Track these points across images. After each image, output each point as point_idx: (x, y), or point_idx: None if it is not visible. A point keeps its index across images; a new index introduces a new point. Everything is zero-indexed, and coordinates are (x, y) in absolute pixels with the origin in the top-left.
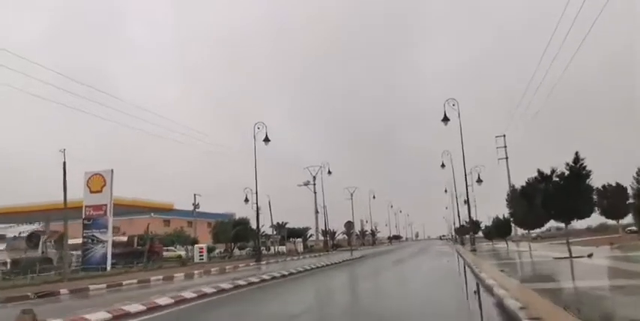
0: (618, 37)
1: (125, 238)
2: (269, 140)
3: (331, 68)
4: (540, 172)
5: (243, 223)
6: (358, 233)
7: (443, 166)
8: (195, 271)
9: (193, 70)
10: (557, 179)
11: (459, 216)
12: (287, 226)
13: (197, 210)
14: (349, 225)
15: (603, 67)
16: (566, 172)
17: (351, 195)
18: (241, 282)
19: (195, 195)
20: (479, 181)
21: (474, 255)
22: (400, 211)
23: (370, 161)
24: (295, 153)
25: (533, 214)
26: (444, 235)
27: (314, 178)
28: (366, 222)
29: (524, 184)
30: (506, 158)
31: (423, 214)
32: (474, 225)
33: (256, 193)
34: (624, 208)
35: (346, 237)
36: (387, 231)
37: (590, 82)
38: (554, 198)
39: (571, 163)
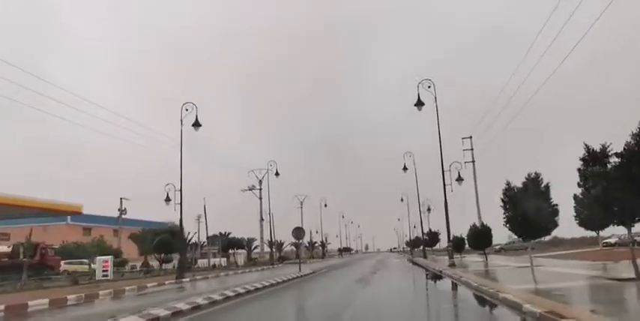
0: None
1: (7, 248)
2: (200, 125)
3: (281, 75)
4: (590, 149)
5: (172, 231)
6: (307, 245)
7: (405, 169)
8: (72, 296)
9: (138, 70)
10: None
11: (421, 224)
12: (232, 235)
13: (124, 216)
14: (298, 231)
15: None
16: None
17: (301, 203)
18: None
19: (121, 199)
20: (459, 179)
21: (475, 276)
22: (351, 222)
23: (322, 171)
24: (245, 160)
25: (543, 218)
26: (394, 248)
27: (260, 182)
28: (316, 232)
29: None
30: (473, 162)
31: (373, 226)
32: (434, 236)
33: (180, 189)
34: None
35: (294, 249)
36: (337, 242)
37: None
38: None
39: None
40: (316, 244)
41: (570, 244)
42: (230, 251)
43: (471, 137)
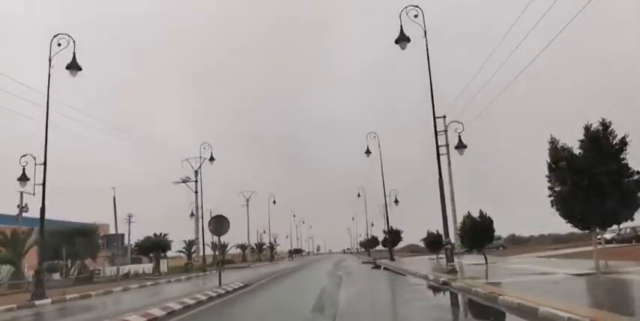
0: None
1: None
2: (79, 68)
3: (233, 70)
4: None
5: (84, 232)
6: (254, 246)
7: (368, 152)
8: None
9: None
10: None
11: (387, 217)
12: (170, 236)
13: (28, 215)
14: (217, 222)
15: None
16: None
17: (247, 200)
18: None
19: (21, 193)
20: (460, 146)
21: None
22: (303, 222)
23: (275, 169)
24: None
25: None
26: (347, 249)
27: (196, 172)
28: (264, 232)
29: None
30: (447, 145)
31: (325, 227)
32: (396, 234)
33: (44, 163)
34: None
35: (244, 251)
36: (288, 244)
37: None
38: None
39: None
40: (264, 246)
41: (588, 238)
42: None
43: (444, 117)
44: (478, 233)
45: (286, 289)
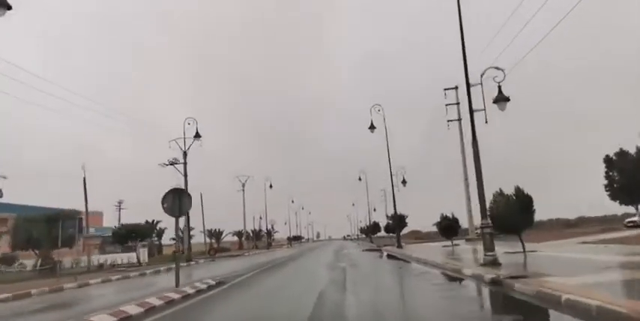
0: None
1: None
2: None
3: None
4: None
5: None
6: (251, 233)
7: (372, 127)
8: None
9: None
10: None
11: (394, 198)
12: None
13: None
14: (173, 197)
15: None
16: None
17: (243, 185)
18: None
19: None
20: (501, 100)
21: None
22: (302, 209)
23: (274, 155)
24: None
25: None
26: (348, 235)
27: (184, 153)
28: (260, 218)
29: None
30: (459, 120)
31: (325, 213)
32: (401, 219)
33: None
34: None
35: (240, 239)
36: (287, 230)
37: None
38: None
39: None
40: (262, 233)
41: (596, 222)
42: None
43: (456, 88)
44: (514, 215)
45: (271, 291)
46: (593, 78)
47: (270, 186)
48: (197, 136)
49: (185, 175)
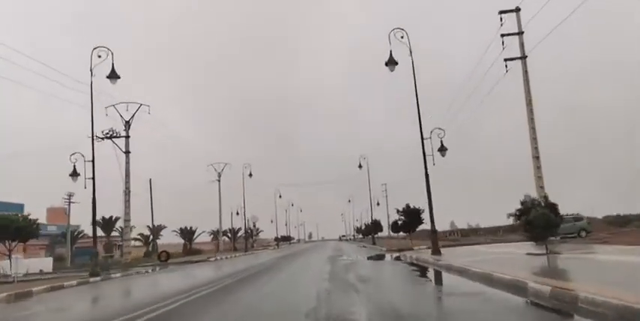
0: None
1: None
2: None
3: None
4: None
5: None
6: (229, 232)
7: (392, 63)
8: None
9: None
10: None
11: (427, 178)
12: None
13: None
14: None
15: None
16: None
17: (219, 175)
18: None
19: None
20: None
21: None
22: (292, 205)
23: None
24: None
25: None
26: (343, 236)
27: (127, 124)
28: (237, 214)
29: None
30: (523, 57)
31: (316, 212)
32: (415, 214)
33: None
34: None
35: (227, 238)
36: (274, 230)
37: None
38: None
39: None
40: (241, 233)
41: None
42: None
43: (518, 10)
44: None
45: None
46: None
47: (250, 174)
48: (113, 76)
49: (126, 152)
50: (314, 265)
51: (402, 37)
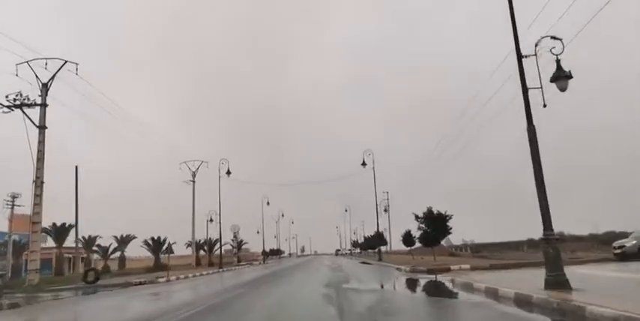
0: None
1: None
2: None
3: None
4: None
5: None
6: (203, 245)
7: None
8: None
9: None
10: None
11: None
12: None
13: None
14: None
15: None
16: None
17: (193, 175)
18: None
19: None
20: None
21: None
22: (282, 215)
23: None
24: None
25: None
26: (338, 250)
27: (44, 86)
28: (210, 221)
29: None
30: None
31: (309, 224)
32: (442, 222)
33: None
34: None
35: (197, 252)
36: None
37: None
38: None
39: None
40: (231, 245)
41: None
42: None
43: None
44: None
45: None
46: None
47: (228, 173)
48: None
49: (41, 127)
50: (307, 302)
51: None
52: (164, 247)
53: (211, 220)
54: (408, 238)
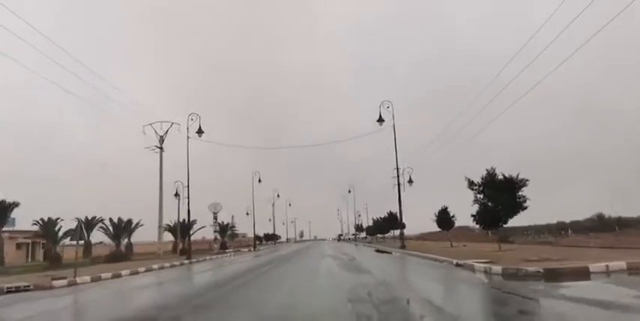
0: None
1: None
2: None
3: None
4: None
5: None
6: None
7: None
8: None
9: None
10: None
11: None
12: None
13: None
14: None
15: None
16: None
17: (161, 140)
18: None
19: None
20: None
21: None
22: (278, 196)
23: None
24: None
25: None
26: (341, 235)
27: None
28: (175, 195)
29: None
30: None
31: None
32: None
33: None
34: None
35: (176, 238)
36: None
37: None
38: None
39: None
40: (215, 227)
41: None
42: None
43: None
44: None
45: None
46: None
47: (199, 131)
48: None
49: None
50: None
51: None
52: (126, 233)
53: (177, 195)
54: (444, 218)
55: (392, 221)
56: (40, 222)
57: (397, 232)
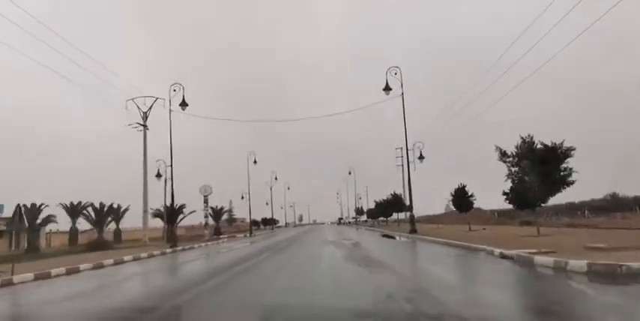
0: None
1: None
2: None
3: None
4: None
5: None
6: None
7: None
8: None
9: None
10: None
11: None
12: None
13: None
14: None
15: None
16: None
17: (145, 117)
18: None
19: None
20: None
21: None
22: (276, 178)
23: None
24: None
25: None
26: (341, 218)
27: None
28: (158, 176)
29: None
30: None
31: (306, 192)
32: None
33: None
34: None
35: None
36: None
37: None
38: None
39: None
40: (207, 210)
41: None
42: None
43: None
44: None
45: None
46: None
47: (183, 103)
48: None
49: None
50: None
51: None
52: (109, 219)
53: (159, 175)
54: (461, 198)
55: (397, 203)
56: (23, 208)
57: (401, 215)
